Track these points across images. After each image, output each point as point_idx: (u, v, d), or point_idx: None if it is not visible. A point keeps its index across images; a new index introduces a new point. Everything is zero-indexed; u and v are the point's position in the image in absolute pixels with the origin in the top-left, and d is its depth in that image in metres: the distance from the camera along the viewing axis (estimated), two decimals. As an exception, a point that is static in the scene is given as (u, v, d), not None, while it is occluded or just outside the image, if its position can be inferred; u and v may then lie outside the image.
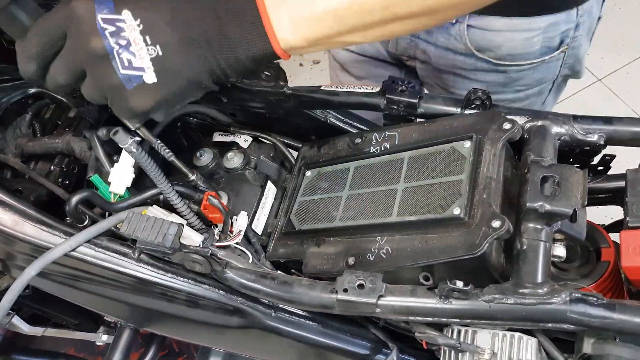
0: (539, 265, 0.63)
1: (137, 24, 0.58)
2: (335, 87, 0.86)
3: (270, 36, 0.60)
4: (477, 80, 1.13)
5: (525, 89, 1.15)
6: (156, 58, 0.59)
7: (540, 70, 1.11)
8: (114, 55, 0.59)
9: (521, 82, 1.12)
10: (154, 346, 1.28)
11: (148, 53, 0.59)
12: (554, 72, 1.13)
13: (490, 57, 1.07)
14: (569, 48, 1.08)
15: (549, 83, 1.16)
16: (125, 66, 0.59)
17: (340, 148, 0.87)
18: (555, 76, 1.15)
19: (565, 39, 1.06)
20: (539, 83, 1.14)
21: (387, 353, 0.85)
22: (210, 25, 0.60)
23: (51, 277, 0.82)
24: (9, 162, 0.90)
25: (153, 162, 0.70)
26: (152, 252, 0.71)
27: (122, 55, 0.59)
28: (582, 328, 0.61)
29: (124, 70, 0.60)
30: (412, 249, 0.68)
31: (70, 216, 0.76)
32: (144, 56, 0.59)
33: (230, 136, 0.91)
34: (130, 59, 0.59)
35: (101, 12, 0.58)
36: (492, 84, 1.13)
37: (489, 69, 1.09)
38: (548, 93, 1.20)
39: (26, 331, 1.21)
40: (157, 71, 0.60)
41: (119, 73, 0.60)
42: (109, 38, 0.58)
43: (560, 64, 1.12)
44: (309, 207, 0.83)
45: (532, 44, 1.04)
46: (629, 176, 0.71)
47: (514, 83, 1.12)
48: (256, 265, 0.77)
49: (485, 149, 0.71)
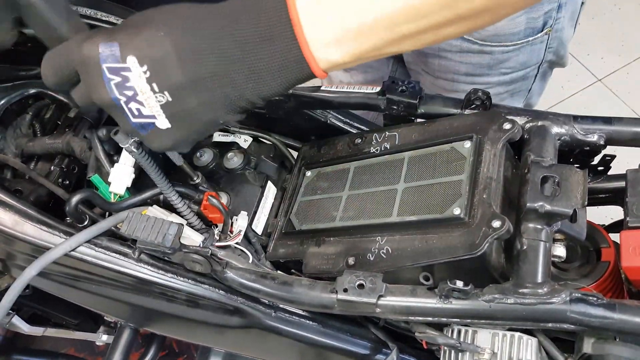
0: (539, 265, 0.63)
1: (144, 71, 0.54)
2: (335, 87, 0.86)
3: (309, 59, 0.53)
4: (462, 62, 1.13)
5: (510, 72, 1.15)
6: (166, 104, 0.56)
7: (525, 53, 1.11)
8: (122, 105, 0.56)
9: (506, 65, 1.13)
10: (154, 346, 1.28)
11: (157, 101, 0.56)
12: (538, 55, 1.14)
13: (475, 37, 1.08)
14: (552, 30, 1.09)
15: (534, 67, 1.17)
16: (135, 115, 0.57)
17: (340, 148, 0.87)
18: (540, 60, 1.16)
19: (548, 20, 1.06)
20: (524, 66, 1.15)
21: (387, 353, 0.85)
22: (230, 58, 0.54)
23: (51, 277, 0.82)
24: (9, 162, 0.90)
25: (153, 162, 0.70)
26: (152, 252, 0.71)
27: (131, 105, 0.56)
28: (582, 328, 0.61)
29: (135, 119, 0.57)
30: (412, 249, 0.68)
31: (70, 216, 0.76)
32: (153, 105, 0.56)
33: (230, 136, 0.91)
34: (139, 108, 0.57)
35: (106, 61, 0.54)
36: (477, 65, 1.13)
37: (475, 50, 1.10)
38: (534, 79, 1.21)
39: (26, 331, 1.21)
40: (169, 116, 0.57)
41: (131, 121, 0.58)
42: (115, 90, 0.55)
43: (545, 47, 1.13)
44: (309, 207, 0.83)
45: (516, 24, 1.04)
46: (629, 176, 0.71)
47: (499, 65, 1.13)
48: (256, 265, 0.77)
49: (486, 149, 0.71)
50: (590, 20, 2.64)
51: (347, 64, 0.56)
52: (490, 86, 1.17)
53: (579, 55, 2.57)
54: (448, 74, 1.18)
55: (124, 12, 0.91)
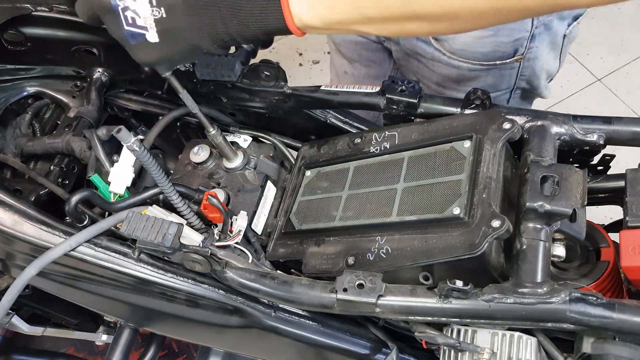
0: (539, 265, 0.63)
1: None
2: (335, 87, 0.86)
3: (285, 11, 0.59)
4: (434, 71, 1.15)
5: None
6: (160, 19, 0.61)
7: (494, 75, 1.12)
8: (119, 11, 0.61)
9: (474, 83, 1.13)
10: (154, 346, 1.28)
11: (152, 14, 0.60)
12: (508, 81, 1.14)
13: (445, 48, 1.09)
14: (524, 59, 1.09)
15: (504, 92, 1.17)
16: (129, 23, 0.61)
17: (340, 148, 0.87)
18: (511, 86, 1.16)
19: (519, 47, 1.06)
20: (493, 89, 1.15)
21: (386, 352, 0.85)
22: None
23: (51, 277, 0.82)
24: (9, 162, 0.90)
25: (154, 161, 0.70)
26: (152, 251, 0.71)
27: (127, 13, 0.61)
28: (582, 327, 0.61)
29: (128, 27, 0.62)
30: (412, 248, 0.68)
31: (70, 216, 0.76)
32: (148, 17, 0.60)
33: (230, 136, 0.91)
34: (134, 17, 0.61)
35: None
36: (446, 78, 1.15)
37: (444, 62, 1.11)
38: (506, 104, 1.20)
39: (26, 331, 1.21)
40: (160, 31, 0.61)
41: (123, 28, 0.62)
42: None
43: (516, 74, 1.13)
44: (309, 207, 0.83)
45: (483, 43, 1.05)
46: (628, 176, 0.71)
47: (467, 82, 1.14)
48: (256, 265, 0.77)
49: (485, 148, 0.71)
50: (590, 20, 2.64)
51: (320, 30, 0.62)
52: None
53: (578, 55, 2.57)
54: (424, 79, 1.20)
55: None
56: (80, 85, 1.00)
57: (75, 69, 0.99)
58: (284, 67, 0.86)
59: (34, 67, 0.99)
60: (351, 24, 0.60)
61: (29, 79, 1.00)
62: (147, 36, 0.62)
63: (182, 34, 0.62)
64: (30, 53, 0.93)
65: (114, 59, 0.96)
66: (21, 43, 0.91)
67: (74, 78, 1.01)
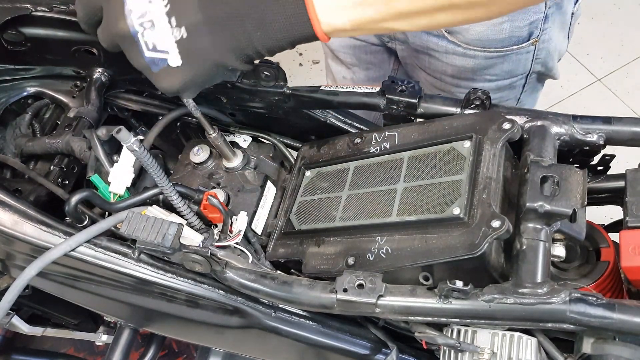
0: (539, 265, 0.63)
1: (165, 4, 0.58)
2: (335, 87, 0.86)
3: (313, 19, 0.57)
4: (449, 64, 1.14)
5: (495, 79, 1.15)
6: (181, 40, 0.58)
7: (510, 61, 1.11)
8: (139, 38, 0.59)
9: (491, 71, 1.13)
10: (154, 346, 1.28)
11: (173, 35, 0.58)
12: (524, 65, 1.14)
13: (460, 40, 1.08)
14: (539, 41, 1.09)
15: (520, 77, 1.17)
16: (149, 49, 0.59)
17: (340, 148, 0.87)
18: (527, 71, 1.15)
19: (534, 30, 1.06)
20: (510, 75, 1.15)
21: (386, 353, 0.85)
22: (245, 4, 0.58)
23: (51, 277, 0.82)
24: (9, 162, 0.90)
25: (154, 161, 0.70)
26: (152, 252, 0.71)
27: (147, 38, 0.59)
28: (582, 328, 0.61)
29: (149, 53, 0.59)
30: (412, 248, 0.68)
31: (70, 216, 0.76)
32: (169, 39, 0.58)
33: (230, 136, 0.91)
34: (154, 42, 0.59)
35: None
36: (462, 69, 1.14)
37: (459, 53, 1.11)
38: (522, 89, 1.20)
39: (26, 331, 1.21)
40: (182, 52, 0.59)
41: (144, 55, 0.60)
42: (134, 21, 0.58)
43: (532, 58, 1.12)
44: (309, 207, 0.83)
45: (499, 30, 1.05)
46: (628, 176, 0.71)
47: (484, 71, 1.13)
48: (256, 265, 0.77)
49: (485, 148, 0.71)
50: (589, 20, 2.64)
51: (348, 32, 0.60)
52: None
53: (578, 55, 2.57)
54: (436, 73, 1.19)
55: None
56: (80, 85, 1.00)
57: (75, 69, 0.99)
58: (284, 67, 0.86)
59: (34, 67, 0.99)
60: (381, 21, 0.58)
61: (29, 79, 1.00)
62: (169, 60, 0.59)
63: (205, 53, 0.59)
64: (30, 53, 0.93)
65: (114, 59, 0.96)
66: (21, 43, 0.91)
67: (74, 78, 1.01)
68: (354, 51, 1.31)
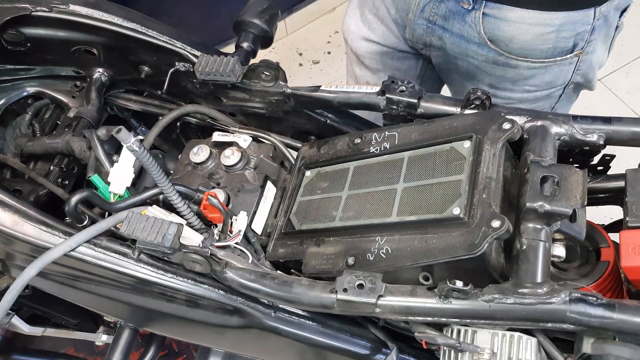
0: (539, 265, 0.63)
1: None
2: (335, 87, 0.86)
3: None
4: (487, 73, 1.12)
5: (534, 90, 1.13)
6: None
7: (552, 72, 1.10)
8: None
9: (531, 82, 1.11)
10: (154, 346, 1.28)
11: None
12: (565, 76, 1.12)
13: (502, 49, 1.06)
14: (583, 53, 1.07)
15: (559, 88, 1.15)
16: None
17: (340, 148, 0.87)
18: (567, 82, 1.14)
19: (580, 42, 1.04)
20: (549, 86, 1.13)
21: (386, 353, 0.85)
22: None
23: (51, 277, 0.82)
24: (9, 161, 0.90)
25: (154, 161, 0.70)
26: (152, 252, 0.71)
27: None
28: (582, 328, 0.61)
29: None
30: (412, 249, 0.68)
31: (70, 216, 0.76)
32: None
33: (230, 136, 0.91)
34: None
35: None
36: (501, 79, 1.12)
37: (500, 62, 1.09)
38: (557, 100, 1.19)
39: (26, 331, 1.21)
40: None
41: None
42: None
43: (573, 69, 1.10)
44: (309, 207, 0.83)
45: (544, 40, 1.03)
46: (628, 176, 0.71)
47: (524, 81, 1.11)
48: (256, 265, 0.77)
49: (485, 149, 0.71)
50: (589, 20, 2.63)
51: None
52: (512, 102, 1.15)
53: (578, 55, 2.57)
54: (473, 82, 1.16)
55: (124, 12, 0.91)
56: (80, 86, 1.01)
57: (75, 69, 0.99)
58: (284, 67, 0.86)
59: (34, 67, 0.99)
60: None
61: (29, 79, 1.00)
62: None
63: None
64: (30, 53, 0.93)
65: (114, 59, 0.96)
66: (21, 43, 0.91)
67: (73, 78, 1.01)
68: (381, 57, 1.30)
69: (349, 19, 1.29)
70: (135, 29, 0.90)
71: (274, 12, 0.96)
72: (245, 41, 0.93)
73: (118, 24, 0.89)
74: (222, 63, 0.85)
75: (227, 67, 0.84)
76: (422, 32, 1.14)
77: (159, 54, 0.92)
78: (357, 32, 1.27)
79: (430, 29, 1.12)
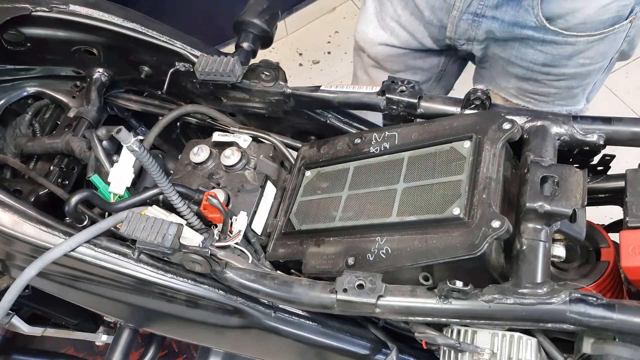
0: (539, 265, 0.63)
1: None
2: (335, 87, 0.86)
3: None
4: (542, 52, 1.10)
5: (589, 64, 1.12)
6: None
7: (607, 42, 1.08)
8: None
9: (587, 55, 1.10)
10: (154, 346, 1.28)
11: None
12: (617, 45, 1.10)
13: (561, 27, 1.04)
14: (636, 18, 1.05)
15: (610, 58, 1.14)
16: None
17: (340, 148, 0.87)
18: (617, 51, 1.12)
19: (636, 6, 1.03)
20: (603, 57, 1.12)
21: (386, 353, 0.85)
22: None
23: (51, 277, 0.82)
24: (9, 162, 0.90)
25: (154, 161, 0.70)
26: (152, 252, 0.71)
27: None
28: (582, 328, 0.61)
29: None
30: (412, 249, 0.68)
31: (70, 216, 0.76)
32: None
33: (230, 136, 0.91)
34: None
35: None
36: (557, 56, 1.10)
37: (559, 42, 1.07)
38: (603, 71, 1.18)
39: (26, 331, 1.21)
40: None
41: None
42: None
43: (624, 37, 1.09)
44: (309, 207, 0.83)
45: (606, 10, 1.01)
46: (628, 176, 0.71)
47: (579, 55, 1.10)
48: (256, 266, 0.77)
49: (485, 149, 0.71)
50: (589, 20, 2.63)
51: None
52: (565, 78, 1.14)
53: (578, 55, 2.57)
54: (524, 62, 1.15)
55: (124, 12, 0.91)
56: (80, 86, 1.01)
57: (75, 69, 0.99)
58: (284, 67, 0.86)
59: (34, 67, 0.99)
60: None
61: (29, 79, 1.00)
62: None
63: None
64: (30, 53, 0.93)
65: (114, 59, 0.96)
66: (21, 43, 0.91)
67: (73, 78, 1.01)
68: (402, 59, 1.28)
69: (365, 27, 1.28)
70: (135, 29, 0.90)
71: (274, 12, 0.96)
72: (245, 41, 0.93)
73: (118, 24, 0.89)
74: (222, 63, 0.85)
75: (227, 67, 0.84)
76: (467, 27, 1.12)
77: (159, 54, 0.92)
78: (375, 39, 1.26)
79: (476, 22, 1.10)
